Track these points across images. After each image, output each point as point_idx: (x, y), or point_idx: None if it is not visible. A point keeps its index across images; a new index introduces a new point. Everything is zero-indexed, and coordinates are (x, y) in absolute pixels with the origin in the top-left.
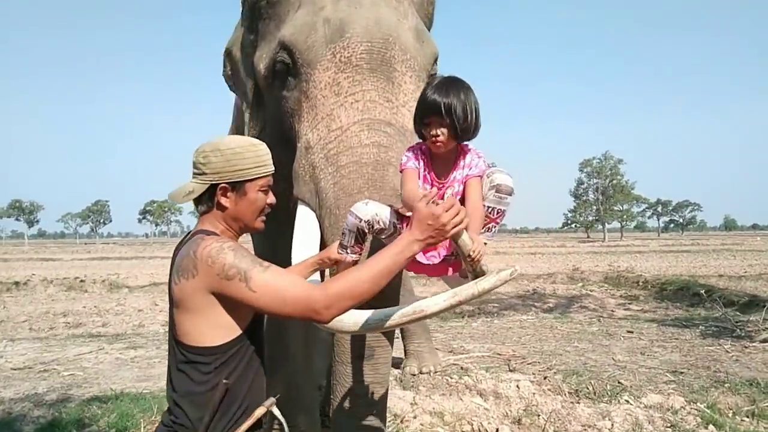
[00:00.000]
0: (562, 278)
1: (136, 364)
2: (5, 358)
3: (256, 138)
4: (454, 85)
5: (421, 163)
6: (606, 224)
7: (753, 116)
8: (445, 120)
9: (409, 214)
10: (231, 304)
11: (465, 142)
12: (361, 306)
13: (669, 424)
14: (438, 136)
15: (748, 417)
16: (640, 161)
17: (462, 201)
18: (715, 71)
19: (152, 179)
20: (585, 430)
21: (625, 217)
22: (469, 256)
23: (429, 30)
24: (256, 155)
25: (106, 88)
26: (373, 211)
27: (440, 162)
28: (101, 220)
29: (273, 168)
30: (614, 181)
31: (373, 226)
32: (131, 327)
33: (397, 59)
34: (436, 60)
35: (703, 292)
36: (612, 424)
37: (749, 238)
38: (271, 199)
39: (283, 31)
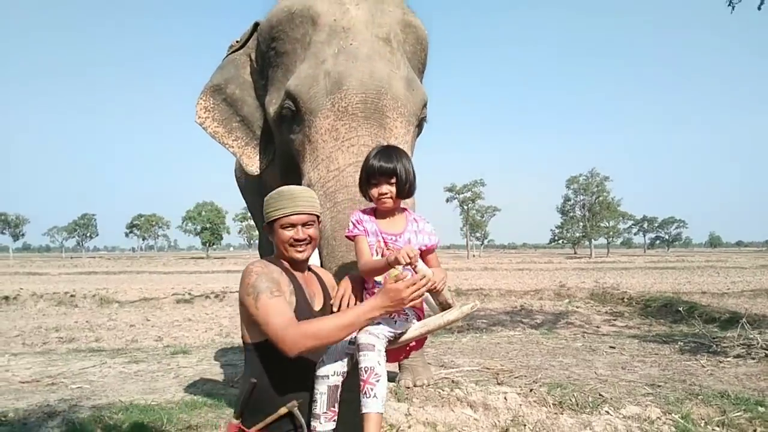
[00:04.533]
0: (549, 294)
1: (140, 378)
2: (11, 372)
3: (266, 167)
4: (395, 152)
5: (370, 224)
6: (593, 240)
7: (739, 134)
8: (392, 180)
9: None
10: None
11: (403, 207)
12: None
13: None
14: (386, 194)
15: (718, 426)
16: (626, 178)
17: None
18: (702, 89)
19: (140, 193)
20: None
21: (611, 233)
22: (435, 289)
23: (423, 71)
24: (279, 199)
25: (94, 100)
26: (342, 368)
27: (386, 220)
28: (88, 234)
29: (294, 209)
30: (600, 198)
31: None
32: (124, 342)
33: (389, 107)
34: (425, 105)
35: (683, 309)
36: None
37: (734, 254)
38: (298, 234)
39: (290, 81)
